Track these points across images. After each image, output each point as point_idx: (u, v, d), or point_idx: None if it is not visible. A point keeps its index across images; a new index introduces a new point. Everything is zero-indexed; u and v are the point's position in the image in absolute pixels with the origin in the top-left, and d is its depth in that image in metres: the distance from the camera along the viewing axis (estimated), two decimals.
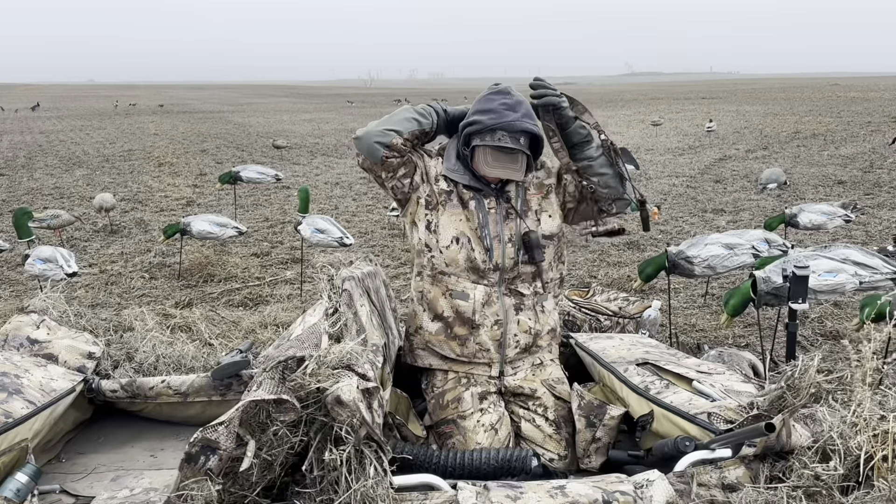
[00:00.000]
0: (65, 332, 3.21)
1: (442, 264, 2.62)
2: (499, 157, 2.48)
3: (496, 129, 2.46)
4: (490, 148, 2.48)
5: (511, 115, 2.46)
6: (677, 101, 42.07)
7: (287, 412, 1.65)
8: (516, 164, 2.49)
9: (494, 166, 2.49)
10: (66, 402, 2.82)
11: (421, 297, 2.72)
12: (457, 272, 2.61)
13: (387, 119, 2.60)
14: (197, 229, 6.46)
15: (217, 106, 47.39)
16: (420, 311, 2.73)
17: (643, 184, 12.02)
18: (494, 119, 2.47)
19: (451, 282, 2.63)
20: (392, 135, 2.53)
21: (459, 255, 2.59)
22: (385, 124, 2.56)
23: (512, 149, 2.46)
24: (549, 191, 2.71)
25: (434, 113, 2.65)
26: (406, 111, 2.62)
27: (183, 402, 3.02)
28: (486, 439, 2.54)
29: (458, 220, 2.61)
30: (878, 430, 1.76)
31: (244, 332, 4.67)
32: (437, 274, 2.65)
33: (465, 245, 2.58)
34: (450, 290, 2.63)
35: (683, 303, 5.73)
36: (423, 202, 2.65)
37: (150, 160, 16.57)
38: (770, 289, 3.68)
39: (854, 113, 26.22)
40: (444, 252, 2.60)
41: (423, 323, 2.71)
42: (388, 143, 2.53)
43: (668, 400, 2.40)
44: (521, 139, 2.48)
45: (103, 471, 2.73)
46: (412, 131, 2.57)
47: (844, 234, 7.76)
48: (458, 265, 2.60)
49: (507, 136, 2.46)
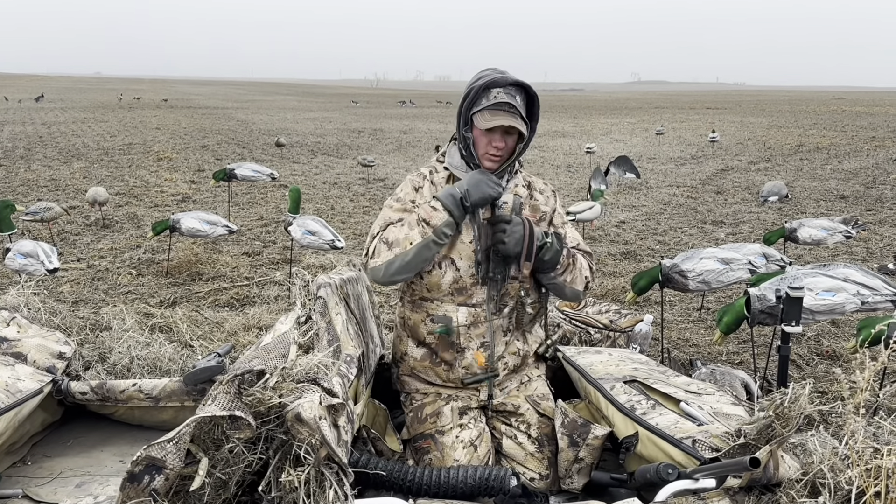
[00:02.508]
0: (36, 330, 3.11)
1: (423, 290, 2.53)
2: (496, 112, 2.38)
3: (489, 86, 2.39)
4: (487, 109, 2.38)
5: (500, 74, 2.42)
6: (682, 110, 42.03)
7: (242, 429, 1.55)
8: (515, 119, 2.38)
9: (493, 119, 2.37)
10: (32, 403, 2.73)
11: (403, 323, 2.64)
12: (439, 297, 2.51)
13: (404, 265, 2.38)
14: (186, 227, 6.36)
15: (221, 102, 47.38)
16: (404, 336, 2.65)
17: (644, 193, 11.93)
18: (485, 79, 2.40)
19: (431, 307, 2.53)
20: (409, 278, 2.49)
21: (443, 280, 2.48)
22: (402, 272, 2.40)
23: (509, 105, 2.36)
24: (542, 218, 2.61)
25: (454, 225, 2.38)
26: (425, 249, 2.36)
27: (155, 407, 2.92)
28: (465, 456, 2.45)
29: None
30: (872, 465, 1.66)
31: (227, 333, 4.56)
32: (416, 300, 2.57)
33: (449, 267, 2.48)
34: (430, 316, 2.53)
35: (678, 316, 5.63)
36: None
37: (150, 155, 16.50)
38: (764, 307, 3.58)
39: (858, 127, 26.15)
40: (425, 278, 2.50)
41: (408, 349, 2.63)
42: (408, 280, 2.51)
43: (653, 422, 2.31)
44: (517, 97, 2.40)
45: (69, 475, 2.64)
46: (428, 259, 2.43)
47: (845, 251, 7.66)
48: (442, 290, 2.50)
49: (503, 92, 2.38)
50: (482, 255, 2.46)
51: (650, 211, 10.38)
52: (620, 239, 8.47)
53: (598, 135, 24.50)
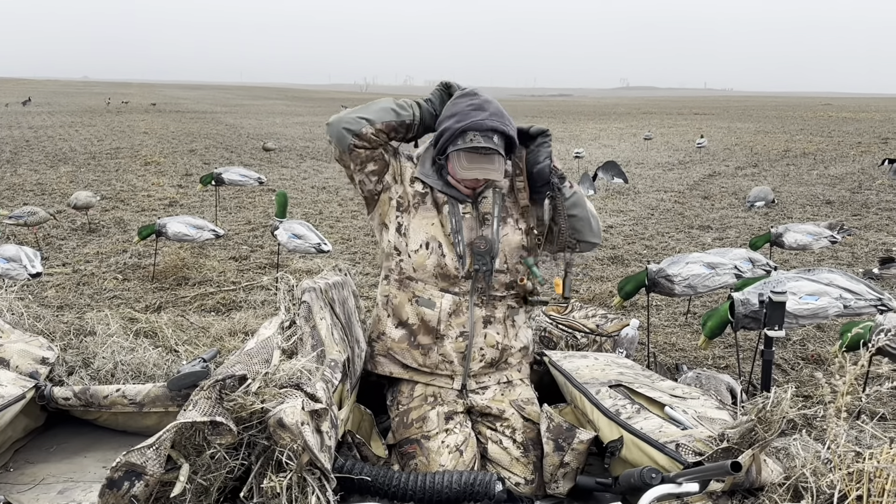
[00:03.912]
0: (18, 335, 3.09)
1: (410, 269, 2.53)
2: (473, 158, 2.38)
3: (466, 130, 2.37)
4: (464, 151, 2.37)
5: (479, 115, 2.37)
6: (670, 115, 42.23)
7: (223, 435, 1.54)
8: (493, 165, 2.38)
9: (470, 168, 2.38)
10: (14, 409, 2.70)
11: (386, 301, 2.63)
12: (424, 278, 2.52)
13: (362, 107, 2.48)
14: (172, 231, 6.33)
15: (210, 106, 47.20)
16: (384, 316, 2.63)
17: (632, 198, 11.97)
18: (462, 121, 2.37)
19: (418, 288, 2.53)
20: (363, 123, 2.42)
21: (428, 261, 2.49)
22: (358, 112, 2.45)
23: (486, 148, 2.35)
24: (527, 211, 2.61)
25: (417, 106, 2.52)
26: (385, 101, 2.49)
27: (139, 412, 2.90)
28: (451, 461, 2.44)
29: (429, 224, 2.51)
30: (853, 468, 1.68)
31: (212, 338, 4.54)
32: (403, 279, 2.56)
33: (436, 251, 2.49)
34: (416, 297, 2.54)
35: (665, 321, 5.65)
36: (394, 203, 2.55)
37: (137, 159, 16.41)
38: (749, 311, 3.60)
39: (845, 133, 26.35)
40: (412, 256, 2.51)
41: (387, 329, 2.62)
42: (357, 132, 2.42)
43: (638, 426, 2.31)
44: (494, 138, 2.38)
45: (52, 482, 2.61)
46: (387, 122, 2.45)
47: (830, 256, 7.71)
48: (426, 271, 2.50)
49: (479, 135, 2.36)
50: (463, 248, 2.47)
51: (638, 216, 10.42)
52: (608, 243, 8.49)
53: (586, 140, 24.56)
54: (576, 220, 2.51)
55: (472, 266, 2.48)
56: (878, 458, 1.68)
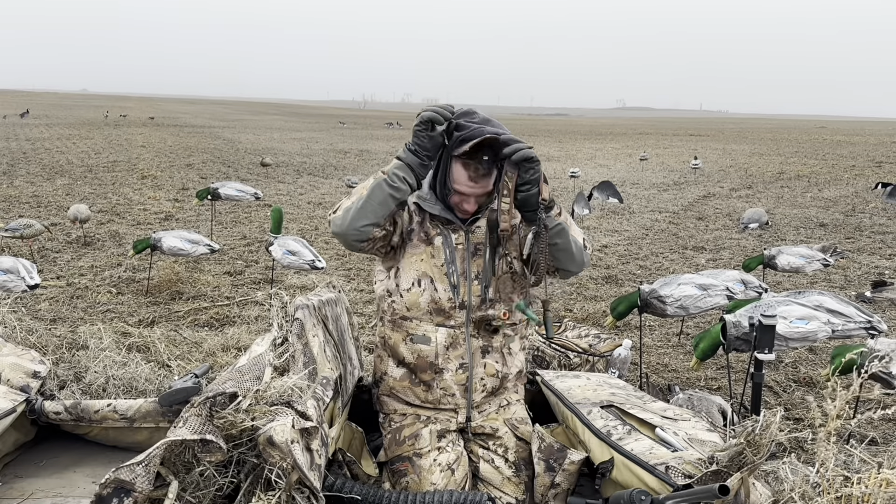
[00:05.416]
0: (10, 348, 3.08)
1: (403, 308, 2.53)
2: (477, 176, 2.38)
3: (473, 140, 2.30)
4: (472, 164, 2.36)
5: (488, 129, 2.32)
6: (666, 136, 42.44)
7: (213, 452, 1.54)
8: (489, 181, 2.40)
9: (472, 185, 2.38)
10: (4, 423, 2.69)
11: (384, 343, 2.64)
12: (419, 315, 2.51)
13: (360, 207, 2.32)
14: (167, 245, 6.33)
15: (208, 121, 47.30)
16: (385, 356, 2.64)
17: (626, 218, 12.01)
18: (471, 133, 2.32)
19: (411, 326, 2.53)
20: (370, 230, 2.33)
21: (421, 298, 2.49)
22: (360, 218, 2.31)
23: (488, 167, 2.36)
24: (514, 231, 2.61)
25: (406, 168, 2.33)
26: (378, 189, 2.31)
27: (130, 428, 2.89)
28: (442, 480, 2.44)
29: (419, 259, 2.50)
30: (842, 493, 1.68)
31: (205, 354, 4.53)
32: (396, 319, 2.56)
33: (428, 287, 2.48)
34: (410, 335, 2.53)
35: (657, 341, 5.66)
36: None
37: (134, 172, 16.43)
38: (740, 333, 3.61)
39: (839, 156, 26.51)
40: (404, 296, 2.51)
41: (388, 369, 2.62)
42: (368, 238, 2.36)
43: (629, 447, 2.31)
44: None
45: (41, 497, 2.59)
46: (391, 211, 2.36)
47: (823, 278, 7.74)
48: (420, 308, 2.50)
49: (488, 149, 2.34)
50: (457, 278, 2.47)
51: (632, 236, 10.45)
52: (602, 263, 8.51)
53: (582, 159, 24.67)
54: (556, 248, 2.41)
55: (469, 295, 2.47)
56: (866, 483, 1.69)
